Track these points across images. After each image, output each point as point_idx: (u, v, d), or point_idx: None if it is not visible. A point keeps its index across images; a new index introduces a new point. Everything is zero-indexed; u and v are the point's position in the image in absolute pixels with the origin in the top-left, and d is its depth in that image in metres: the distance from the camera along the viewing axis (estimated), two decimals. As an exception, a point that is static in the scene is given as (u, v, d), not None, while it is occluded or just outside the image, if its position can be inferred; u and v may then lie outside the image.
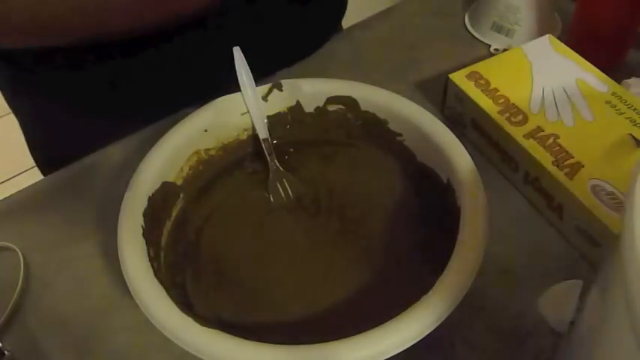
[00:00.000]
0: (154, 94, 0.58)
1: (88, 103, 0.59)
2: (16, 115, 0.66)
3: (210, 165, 0.50)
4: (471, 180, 0.42)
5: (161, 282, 0.38)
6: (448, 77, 0.54)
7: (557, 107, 0.51)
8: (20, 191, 0.53)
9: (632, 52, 0.61)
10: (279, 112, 0.51)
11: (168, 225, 0.46)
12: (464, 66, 0.55)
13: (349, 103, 0.50)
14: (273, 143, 0.51)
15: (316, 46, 0.65)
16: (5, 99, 0.64)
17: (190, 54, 0.57)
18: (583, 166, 0.46)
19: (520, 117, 0.50)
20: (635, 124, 0.49)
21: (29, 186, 0.54)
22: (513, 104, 0.51)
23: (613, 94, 0.51)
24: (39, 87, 0.59)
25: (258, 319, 0.42)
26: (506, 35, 0.63)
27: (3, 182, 1.57)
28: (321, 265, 0.45)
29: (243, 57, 0.50)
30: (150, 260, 0.40)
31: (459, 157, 0.44)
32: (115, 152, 0.56)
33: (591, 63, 0.54)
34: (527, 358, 0.41)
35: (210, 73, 0.57)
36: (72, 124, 0.62)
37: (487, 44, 0.64)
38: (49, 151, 0.67)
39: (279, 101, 0.51)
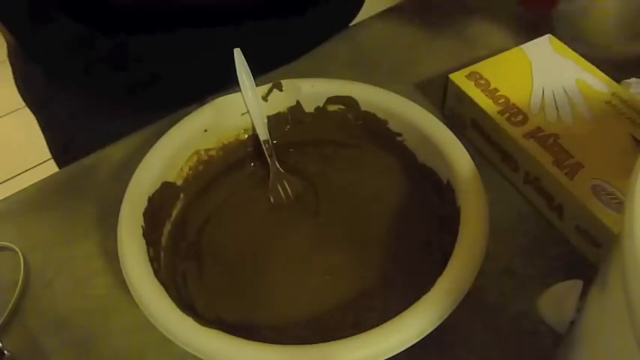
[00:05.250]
0: (155, 93, 0.58)
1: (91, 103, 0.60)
2: (35, 111, 0.67)
3: (210, 165, 0.50)
4: (471, 180, 0.42)
5: (161, 282, 0.38)
6: (448, 77, 0.54)
7: (557, 107, 0.51)
8: (20, 191, 0.53)
9: (632, 50, 0.60)
10: (279, 112, 0.51)
11: (169, 225, 0.46)
12: (464, 66, 0.55)
13: (349, 103, 0.50)
14: (273, 143, 0.51)
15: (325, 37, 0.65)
16: (28, 93, 0.65)
17: (191, 53, 0.57)
18: (583, 166, 0.46)
19: (520, 117, 0.50)
20: (635, 124, 0.49)
21: (29, 186, 0.54)
22: (513, 104, 0.51)
23: (613, 94, 0.51)
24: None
25: (258, 319, 0.42)
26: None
27: (3, 182, 1.57)
28: (321, 265, 0.45)
29: (244, 58, 0.50)
30: (150, 260, 0.40)
31: (459, 158, 0.44)
32: (115, 152, 0.56)
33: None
34: (527, 358, 0.41)
35: (210, 73, 0.57)
36: (80, 121, 0.62)
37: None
38: (66, 145, 0.68)
39: (279, 101, 0.51)
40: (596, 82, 0.53)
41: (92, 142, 0.56)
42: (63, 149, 0.68)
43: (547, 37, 0.57)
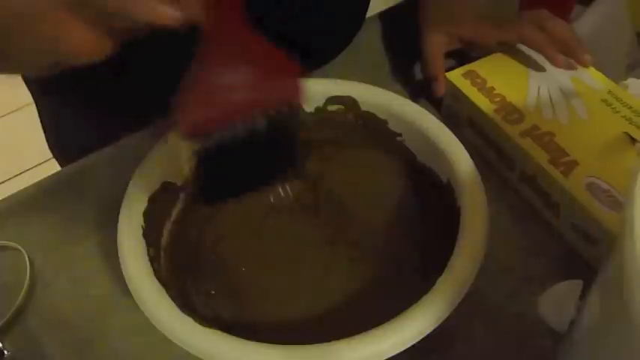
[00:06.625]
0: (155, 94, 0.58)
1: (96, 103, 0.60)
2: (39, 110, 0.67)
3: (210, 165, 0.50)
4: (470, 180, 0.42)
5: (161, 282, 0.38)
6: (445, 76, 0.55)
7: (552, 105, 0.51)
8: (20, 191, 0.53)
9: (631, 51, 0.61)
10: (279, 112, 0.51)
11: (169, 225, 0.46)
12: (461, 65, 0.55)
13: (349, 103, 0.50)
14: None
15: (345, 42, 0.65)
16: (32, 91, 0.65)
17: (191, 54, 0.57)
18: (579, 164, 0.46)
19: (516, 115, 0.50)
20: (631, 122, 0.49)
21: (29, 186, 0.54)
22: (509, 103, 0.51)
23: (608, 92, 0.51)
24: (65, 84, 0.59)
25: (258, 319, 0.42)
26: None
27: (3, 182, 1.57)
28: (321, 265, 0.45)
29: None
30: (150, 260, 0.40)
31: (459, 157, 0.44)
32: (115, 152, 0.56)
33: None
34: (527, 358, 0.41)
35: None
36: (82, 122, 0.62)
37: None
38: (65, 144, 0.67)
39: (279, 101, 0.51)
40: (592, 80, 0.53)
41: (92, 142, 0.56)
42: (62, 141, 0.68)
43: (545, 36, 0.57)
